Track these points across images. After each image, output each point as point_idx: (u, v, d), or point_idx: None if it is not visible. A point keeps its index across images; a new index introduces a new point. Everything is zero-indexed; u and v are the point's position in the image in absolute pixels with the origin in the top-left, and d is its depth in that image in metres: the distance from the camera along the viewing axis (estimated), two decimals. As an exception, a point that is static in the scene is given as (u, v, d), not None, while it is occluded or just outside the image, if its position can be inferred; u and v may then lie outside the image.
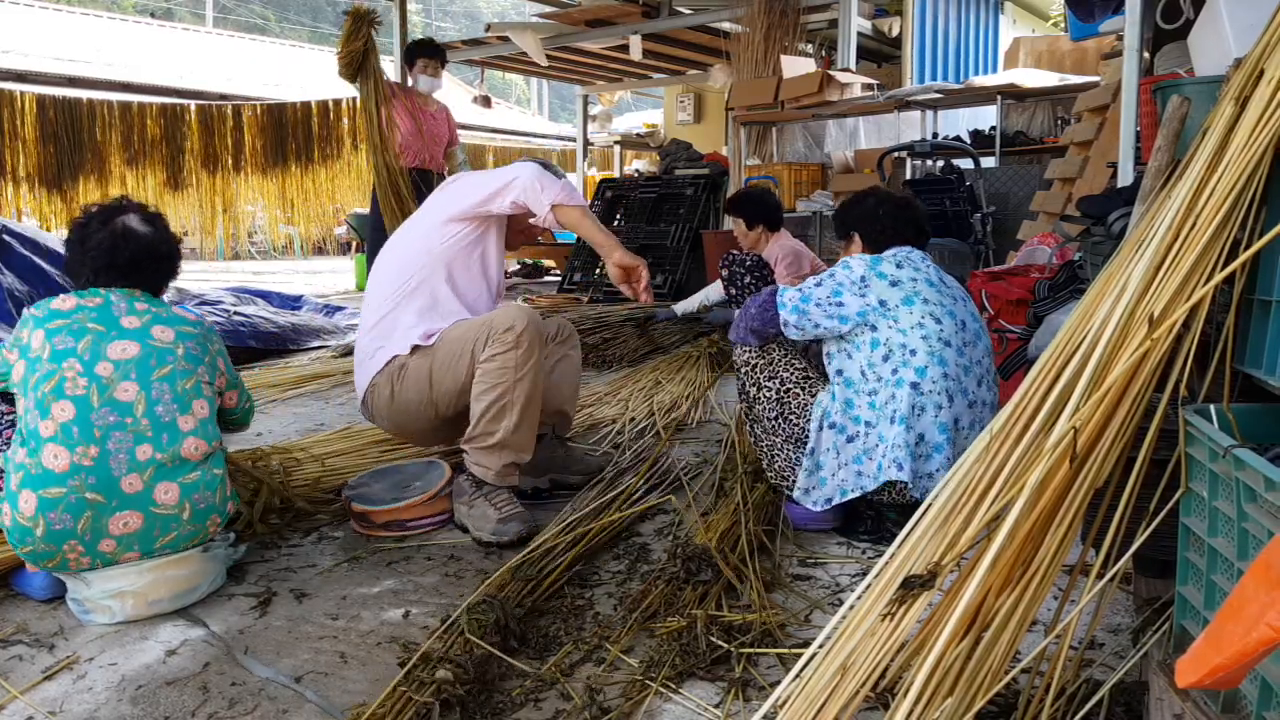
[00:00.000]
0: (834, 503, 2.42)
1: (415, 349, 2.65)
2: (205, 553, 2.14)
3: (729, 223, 7.87)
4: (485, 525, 2.50)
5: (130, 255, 2.17)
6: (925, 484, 2.31)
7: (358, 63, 6.03)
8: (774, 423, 2.54)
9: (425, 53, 6.20)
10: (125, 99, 10.54)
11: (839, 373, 2.45)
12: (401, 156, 6.05)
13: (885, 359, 2.37)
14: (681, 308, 5.39)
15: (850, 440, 2.39)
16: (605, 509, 2.59)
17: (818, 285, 2.46)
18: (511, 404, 2.52)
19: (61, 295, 2.14)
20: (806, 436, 2.48)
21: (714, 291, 5.23)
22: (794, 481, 2.50)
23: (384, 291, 2.76)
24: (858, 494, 2.38)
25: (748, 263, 5.02)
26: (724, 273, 5.11)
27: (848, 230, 2.72)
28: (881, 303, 2.40)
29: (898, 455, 2.30)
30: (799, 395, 2.51)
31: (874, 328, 2.39)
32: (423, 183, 5.95)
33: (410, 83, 6.20)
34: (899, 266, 2.47)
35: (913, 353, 2.35)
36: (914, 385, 2.32)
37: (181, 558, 2.09)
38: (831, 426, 2.41)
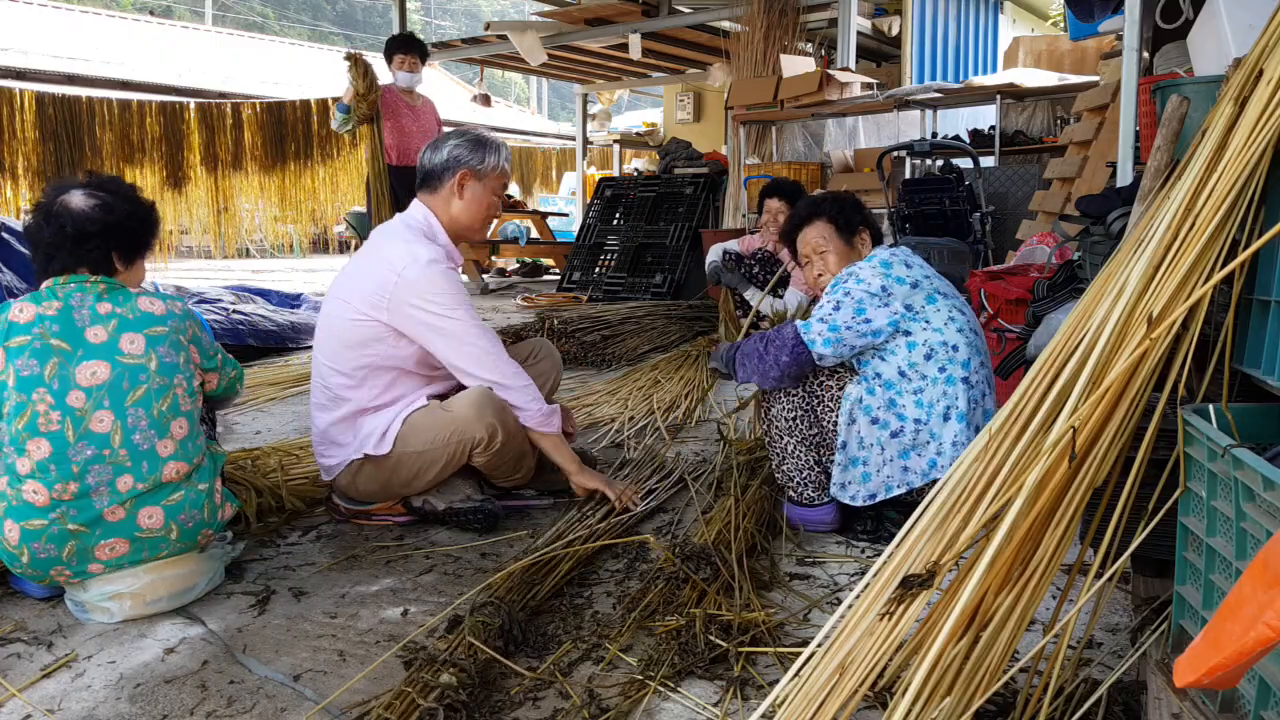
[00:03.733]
0: (878, 498, 2.39)
1: (368, 456, 2.53)
2: (203, 552, 2.14)
3: (729, 220, 7.88)
4: (453, 497, 2.58)
5: (73, 234, 2.03)
6: None
7: (375, 108, 5.96)
8: (791, 422, 2.49)
9: (402, 48, 6.05)
10: (124, 97, 10.54)
11: (877, 375, 2.40)
12: (389, 156, 6.00)
13: (928, 358, 2.35)
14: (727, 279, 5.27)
15: (895, 435, 2.36)
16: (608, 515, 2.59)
17: (836, 309, 2.37)
18: (525, 452, 2.64)
19: (18, 303, 2.01)
20: (825, 437, 2.45)
21: (715, 256, 5.21)
22: (799, 484, 2.49)
23: (332, 376, 2.56)
24: (903, 490, 2.36)
25: (759, 255, 5.02)
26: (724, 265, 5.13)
27: (856, 228, 2.58)
28: (908, 307, 2.37)
29: (961, 453, 2.26)
30: (831, 389, 2.45)
31: (907, 333, 2.37)
32: (405, 181, 5.87)
33: (390, 80, 6.10)
34: (908, 266, 2.44)
35: (955, 348, 2.35)
36: (965, 380, 2.33)
37: (179, 558, 2.09)
38: (874, 422, 2.37)
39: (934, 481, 2.31)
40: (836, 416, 2.43)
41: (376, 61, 6.11)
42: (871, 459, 2.39)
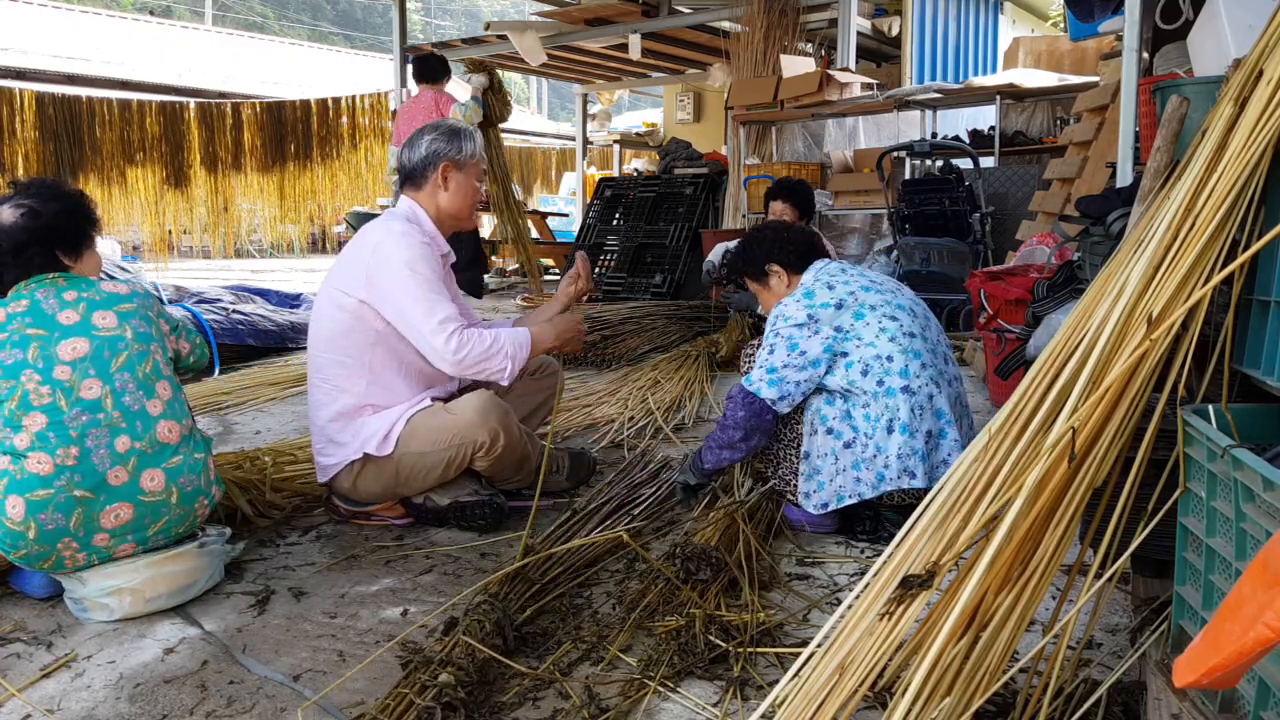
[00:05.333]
0: (830, 508, 2.41)
1: (368, 456, 2.52)
2: (202, 549, 2.15)
3: (729, 220, 7.89)
4: (458, 493, 2.57)
5: (10, 247, 2.09)
6: (941, 471, 2.33)
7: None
8: (778, 429, 2.52)
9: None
10: (124, 96, 10.55)
11: (831, 390, 2.43)
12: None
13: (864, 374, 2.37)
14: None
15: (847, 446, 2.39)
16: (610, 516, 2.59)
17: (771, 353, 2.41)
18: (526, 455, 2.64)
19: None
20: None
21: (715, 256, 5.24)
22: (795, 486, 2.50)
23: (328, 369, 2.56)
24: (855, 500, 2.38)
25: None
26: (724, 271, 5.14)
27: (761, 268, 2.63)
28: (838, 329, 2.40)
29: (908, 464, 2.31)
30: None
31: (844, 354, 2.39)
32: None
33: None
34: (830, 287, 2.46)
35: (889, 359, 2.35)
36: (905, 389, 2.33)
37: (178, 554, 2.10)
38: (829, 432, 2.41)
39: (886, 493, 2.35)
40: (802, 425, 2.47)
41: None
42: (825, 468, 2.41)
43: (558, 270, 10.08)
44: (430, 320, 2.45)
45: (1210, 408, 1.44)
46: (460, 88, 7.47)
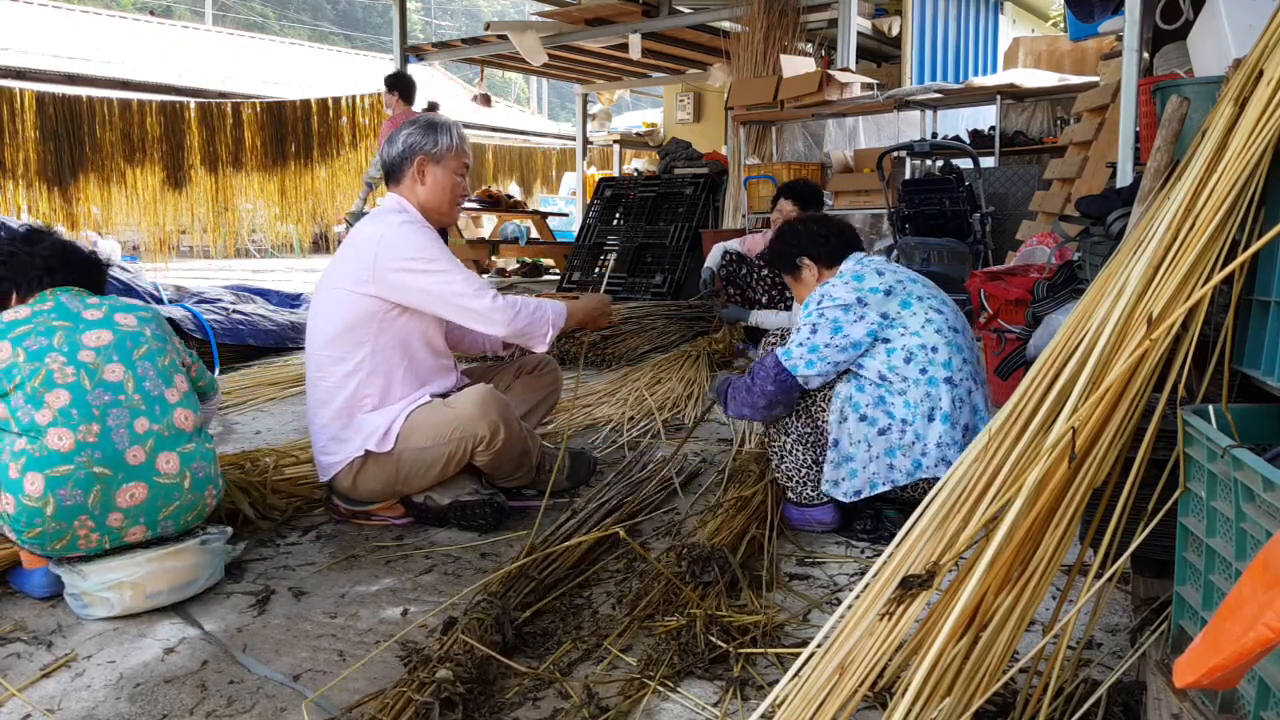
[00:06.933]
0: (863, 495, 2.40)
1: (369, 453, 2.53)
2: (203, 546, 2.16)
3: (729, 220, 7.89)
4: (459, 492, 2.58)
5: (82, 258, 2.32)
6: None
7: None
8: (789, 421, 2.52)
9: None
10: (125, 96, 10.55)
11: (863, 377, 2.43)
12: None
13: (907, 361, 2.37)
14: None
15: (882, 433, 2.38)
16: (610, 514, 2.59)
17: (814, 332, 2.41)
18: (527, 451, 2.65)
19: (8, 312, 2.15)
20: (821, 435, 2.46)
21: (713, 261, 5.24)
22: (798, 483, 2.49)
23: (329, 366, 2.57)
24: (888, 487, 2.37)
25: (765, 256, 5.00)
26: (723, 272, 5.14)
27: (793, 261, 2.66)
28: (884, 315, 2.41)
29: (946, 454, 2.32)
30: (825, 387, 2.47)
31: (886, 340, 2.40)
32: None
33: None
34: (880, 274, 2.47)
35: (935, 350, 2.37)
36: (948, 380, 2.35)
37: (179, 550, 2.11)
38: (863, 419, 2.40)
39: (919, 481, 2.34)
40: (828, 415, 2.45)
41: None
42: (859, 455, 2.41)
43: (558, 270, 10.08)
44: (470, 287, 2.54)
45: (1210, 408, 1.44)
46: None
